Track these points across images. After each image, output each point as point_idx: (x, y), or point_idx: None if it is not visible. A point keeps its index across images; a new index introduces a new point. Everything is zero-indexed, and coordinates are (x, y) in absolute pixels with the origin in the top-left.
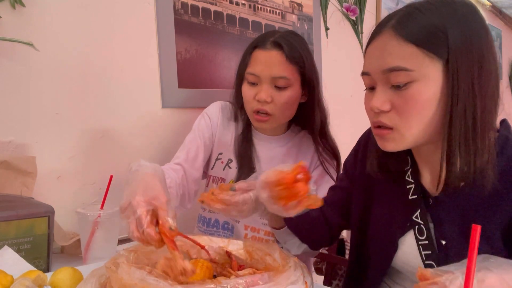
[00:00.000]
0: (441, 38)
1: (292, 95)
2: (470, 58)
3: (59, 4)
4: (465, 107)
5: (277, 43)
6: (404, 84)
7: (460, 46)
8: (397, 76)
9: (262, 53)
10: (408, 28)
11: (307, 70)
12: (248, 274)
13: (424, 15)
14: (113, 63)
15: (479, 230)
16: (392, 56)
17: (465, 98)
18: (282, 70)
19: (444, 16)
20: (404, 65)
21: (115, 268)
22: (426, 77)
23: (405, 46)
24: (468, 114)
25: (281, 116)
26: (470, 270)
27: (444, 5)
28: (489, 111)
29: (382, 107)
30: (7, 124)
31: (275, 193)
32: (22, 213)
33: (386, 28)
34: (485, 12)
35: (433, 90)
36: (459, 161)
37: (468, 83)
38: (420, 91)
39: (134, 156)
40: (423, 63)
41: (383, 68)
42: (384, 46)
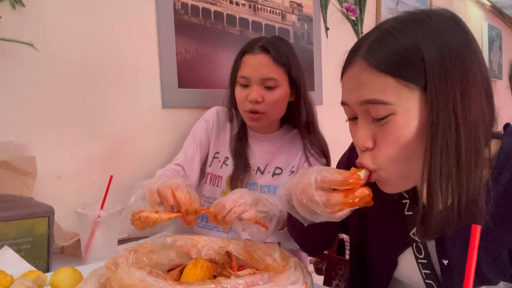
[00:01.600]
0: (416, 63)
1: (281, 94)
2: (451, 79)
3: (59, 4)
4: (446, 140)
5: (264, 48)
6: (385, 116)
7: (438, 67)
8: (375, 109)
9: (251, 58)
10: (379, 57)
11: (293, 71)
12: (248, 274)
13: (395, 39)
14: (113, 63)
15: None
16: (367, 87)
17: (446, 128)
18: (270, 71)
19: (418, 36)
20: (381, 98)
21: (115, 268)
22: (406, 108)
23: (380, 77)
24: (450, 148)
25: (272, 113)
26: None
27: (418, 23)
28: (477, 139)
29: (366, 144)
30: (7, 124)
31: (335, 195)
32: (22, 213)
33: (357, 57)
34: (485, 12)
35: (415, 121)
36: (441, 203)
37: (449, 110)
38: (400, 124)
39: (134, 156)
40: (401, 95)
41: (360, 99)
42: (358, 77)
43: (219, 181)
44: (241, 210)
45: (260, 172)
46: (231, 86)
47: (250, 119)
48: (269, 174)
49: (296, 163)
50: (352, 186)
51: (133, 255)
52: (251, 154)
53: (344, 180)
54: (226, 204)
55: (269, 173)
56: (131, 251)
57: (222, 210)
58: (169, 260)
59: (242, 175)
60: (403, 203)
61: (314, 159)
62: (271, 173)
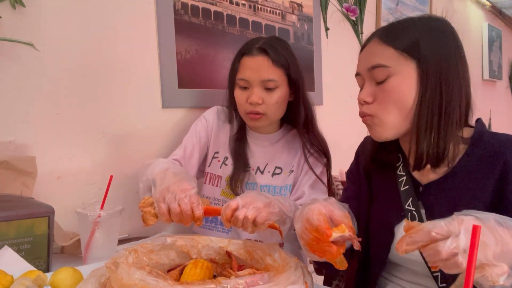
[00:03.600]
0: (415, 45)
1: (280, 95)
2: (438, 62)
3: (59, 4)
4: (432, 99)
5: (262, 49)
6: (384, 79)
7: (429, 51)
8: (378, 72)
9: (249, 60)
10: (389, 36)
11: (292, 71)
12: (248, 274)
13: (403, 27)
14: (113, 63)
15: (479, 230)
16: (374, 56)
17: (432, 91)
18: (269, 73)
19: (419, 28)
20: (383, 62)
21: (115, 268)
22: (401, 72)
23: (386, 49)
24: (434, 105)
25: (272, 114)
26: (470, 270)
27: (420, 20)
28: (453, 107)
29: (366, 98)
30: (7, 124)
31: (306, 237)
32: (22, 213)
33: (373, 37)
34: (485, 12)
35: (406, 84)
36: (424, 144)
37: (436, 81)
38: (395, 84)
39: (134, 156)
40: (398, 61)
41: (368, 66)
42: (370, 50)
43: (218, 181)
44: (253, 215)
45: (260, 171)
46: (230, 88)
47: (250, 120)
48: (269, 173)
49: (295, 163)
50: (318, 235)
51: (133, 255)
52: (251, 154)
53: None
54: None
55: (269, 173)
56: (131, 251)
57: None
58: (169, 260)
59: (241, 175)
60: (400, 181)
61: (314, 158)
62: (271, 173)
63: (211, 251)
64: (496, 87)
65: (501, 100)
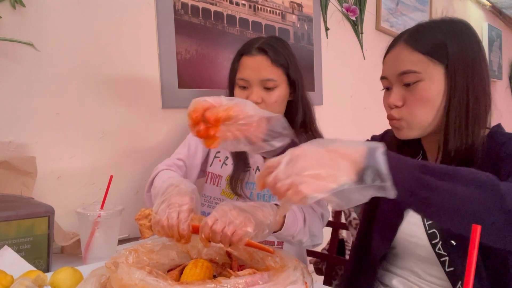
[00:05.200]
0: (442, 49)
1: (280, 94)
2: (465, 65)
3: (59, 4)
4: (460, 101)
5: (262, 49)
6: (414, 82)
7: (457, 55)
8: (408, 77)
9: (249, 59)
10: (417, 41)
11: (291, 71)
12: (248, 274)
13: (429, 31)
14: (113, 63)
15: (479, 230)
16: (404, 62)
17: (460, 94)
18: (269, 73)
19: (444, 32)
20: (413, 68)
21: (115, 268)
22: (430, 77)
23: (414, 54)
24: (462, 107)
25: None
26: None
27: (445, 24)
28: (479, 107)
29: (396, 103)
30: (7, 124)
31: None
32: (22, 213)
33: (399, 42)
34: (485, 12)
35: (436, 88)
36: (453, 142)
37: (463, 83)
38: (425, 88)
39: (134, 156)
40: (428, 67)
41: (398, 72)
42: (398, 55)
43: (219, 181)
44: (231, 231)
45: (260, 171)
46: (230, 88)
47: None
48: None
49: None
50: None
51: (133, 255)
52: (251, 154)
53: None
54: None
55: None
56: (131, 251)
57: (213, 236)
58: (169, 260)
59: (241, 174)
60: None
61: None
62: None
63: (211, 251)
64: (496, 87)
65: (501, 100)
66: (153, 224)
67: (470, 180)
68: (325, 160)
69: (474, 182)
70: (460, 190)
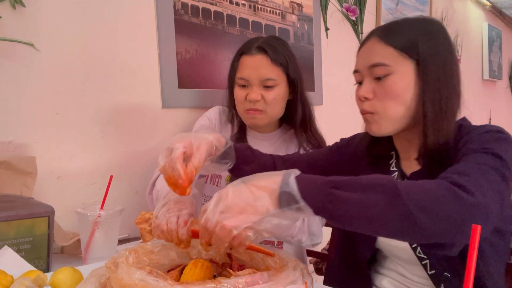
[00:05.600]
0: (413, 45)
1: (279, 93)
2: (436, 64)
3: (59, 4)
4: (433, 96)
5: (261, 48)
6: (384, 76)
7: (428, 53)
8: (378, 70)
9: (248, 59)
10: (389, 36)
11: (290, 70)
12: (247, 274)
13: (402, 28)
14: (113, 63)
15: (479, 230)
16: (375, 55)
17: (433, 89)
18: (268, 72)
19: (417, 30)
20: (383, 61)
21: (115, 268)
22: (400, 72)
23: (386, 48)
24: (436, 101)
25: (271, 112)
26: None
27: (419, 22)
28: (451, 101)
29: (367, 95)
30: (7, 124)
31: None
32: (22, 213)
33: (373, 36)
34: (485, 12)
35: (406, 83)
36: (432, 136)
37: (435, 79)
38: (395, 81)
39: (134, 156)
40: (398, 61)
41: (368, 64)
42: (370, 49)
43: (218, 180)
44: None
45: None
46: (230, 87)
47: (249, 118)
48: None
49: None
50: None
51: (133, 255)
52: None
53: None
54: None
55: None
56: (131, 251)
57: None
58: (170, 260)
59: None
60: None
61: None
62: None
63: (211, 251)
64: (496, 87)
65: (501, 100)
66: (153, 229)
67: (370, 186)
68: (245, 195)
69: (373, 188)
70: (362, 197)
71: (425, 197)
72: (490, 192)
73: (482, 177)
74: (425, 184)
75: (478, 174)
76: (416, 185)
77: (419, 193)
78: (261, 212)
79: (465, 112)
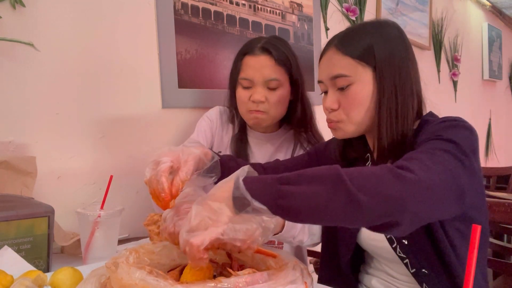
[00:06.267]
0: (369, 52)
1: (283, 93)
2: (392, 66)
3: (59, 4)
4: (389, 101)
5: (265, 49)
6: (346, 86)
7: (383, 57)
8: (340, 81)
9: (252, 59)
10: (346, 46)
11: (293, 70)
12: (248, 274)
13: (357, 35)
14: (113, 63)
15: (479, 230)
16: (335, 66)
17: (389, 94)
18: (272, 72)
19: (372, 35)
20: (344, 72)
21: (115, 268)
22: (360, 80)
23: (344, 59)
24: (391, 107)
25: (274, 113)
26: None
27: (372, 27)
28: (407, 103)
29: (332, 105)
30: (7, 124)
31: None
32: (22, 213)
33: (331, 46)
34: (485, 12)
35: (367, 90)
36: (385, 139)
37: (391, 83)
38: (357, 91)
39: (134, 156)
40: (357, 70)
41: (330, 76)
42: (330, 60)
43: None
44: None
45: None
46: (231, 88)
47: (251, 118)
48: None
49: None
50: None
51: (133, 255)
52: (251, 155)
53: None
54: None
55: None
56: (131, 251)
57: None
58: (170, 260)
59: None
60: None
61: None
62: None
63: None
64: (496, 87)
65: (501, 100)
66: (161, 231)
67: (315, 177)
68: (206, 212)
69: (318, 178)
70: (309, 188)
71: (367, 180)
72: (435, 170)
73: (428, 158)
74: (369, 169)
75: (424, 156)
76: (360, 170)
77: (362, 177)
78: (224, 222)
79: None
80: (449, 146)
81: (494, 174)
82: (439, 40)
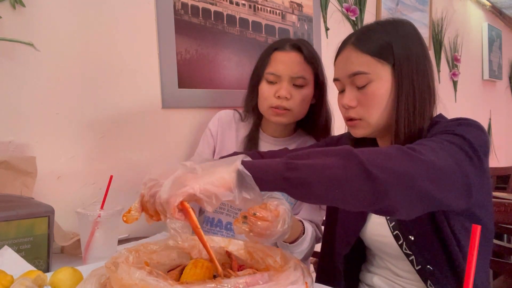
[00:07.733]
0: (388, 49)
1: (307, 93)
2: (409, 63)
3: (59, 4)
4: (407, 97)
5: (296, 46)
6: (365, 84)
7: (401, 54)
8: (358, 79)
9: (282, 54)
10: (364, 43)
11: (320, 72)
12: (248, 274)
13: (375, 33)
14: (113, 63)
15: (479, 230)
16: (353, 64)
17: (407, 90)
18: (301, 70)
19: (390, 33)
20: (363, 69)
21: (115, 268)
22: (379, 77)
23: (363, 56)
24: (409, 101)
25: (297, 112)
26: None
27: (390, 24)
28: (424, 100)
29: (351, 103)
30: (7, 124)
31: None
32: (22, 213)
33: (348, 44)
34: (485, 12)
35: (385, 87)
36: (403, 135)
37: (409, 79)
38: (376, 88)
39: (134, 157)
40: (376, 68)
41: (348, 73)
42: (348, 58)
43: None
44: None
45: None
46: (254, 83)
47: (274, 115)
48: None
49: None
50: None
51: (134, 255)
52: None
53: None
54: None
55: None
56: (131, 251)
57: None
58: (170, 260)
59: None
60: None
61: None
62: None
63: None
64: (496, 87)
65: (501, 100)
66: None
67: (327, 152)
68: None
69: (330, 153)
70: (320, 161)
71: (377, 156)
72: (442, 155)
73: (436, 145)
74: (379, 148)
75: (433, 143)
76: (370, 148)
77: (373, 153)
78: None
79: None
80: (458, 140)
81: (494, 174)
82: (439, 40)
